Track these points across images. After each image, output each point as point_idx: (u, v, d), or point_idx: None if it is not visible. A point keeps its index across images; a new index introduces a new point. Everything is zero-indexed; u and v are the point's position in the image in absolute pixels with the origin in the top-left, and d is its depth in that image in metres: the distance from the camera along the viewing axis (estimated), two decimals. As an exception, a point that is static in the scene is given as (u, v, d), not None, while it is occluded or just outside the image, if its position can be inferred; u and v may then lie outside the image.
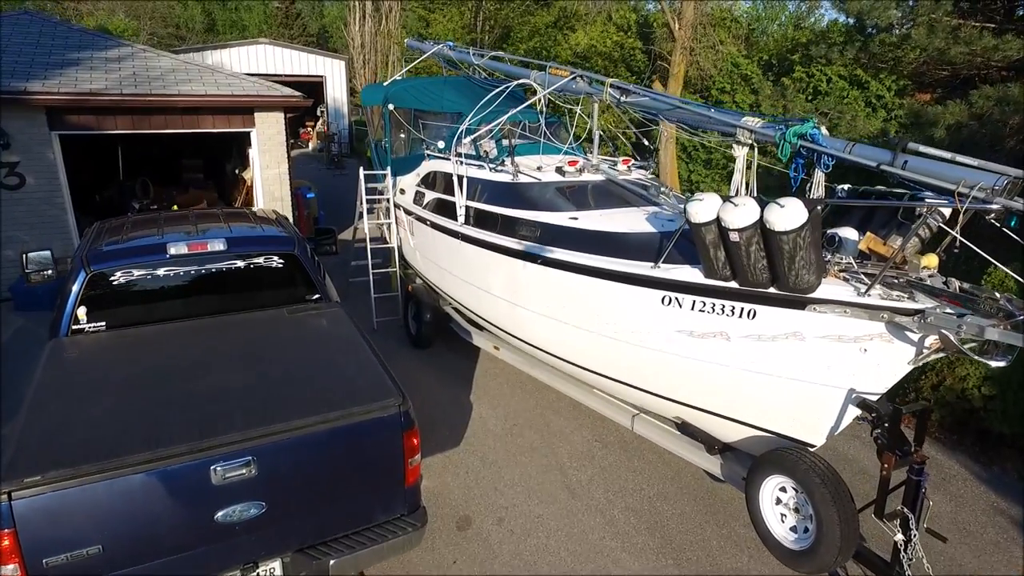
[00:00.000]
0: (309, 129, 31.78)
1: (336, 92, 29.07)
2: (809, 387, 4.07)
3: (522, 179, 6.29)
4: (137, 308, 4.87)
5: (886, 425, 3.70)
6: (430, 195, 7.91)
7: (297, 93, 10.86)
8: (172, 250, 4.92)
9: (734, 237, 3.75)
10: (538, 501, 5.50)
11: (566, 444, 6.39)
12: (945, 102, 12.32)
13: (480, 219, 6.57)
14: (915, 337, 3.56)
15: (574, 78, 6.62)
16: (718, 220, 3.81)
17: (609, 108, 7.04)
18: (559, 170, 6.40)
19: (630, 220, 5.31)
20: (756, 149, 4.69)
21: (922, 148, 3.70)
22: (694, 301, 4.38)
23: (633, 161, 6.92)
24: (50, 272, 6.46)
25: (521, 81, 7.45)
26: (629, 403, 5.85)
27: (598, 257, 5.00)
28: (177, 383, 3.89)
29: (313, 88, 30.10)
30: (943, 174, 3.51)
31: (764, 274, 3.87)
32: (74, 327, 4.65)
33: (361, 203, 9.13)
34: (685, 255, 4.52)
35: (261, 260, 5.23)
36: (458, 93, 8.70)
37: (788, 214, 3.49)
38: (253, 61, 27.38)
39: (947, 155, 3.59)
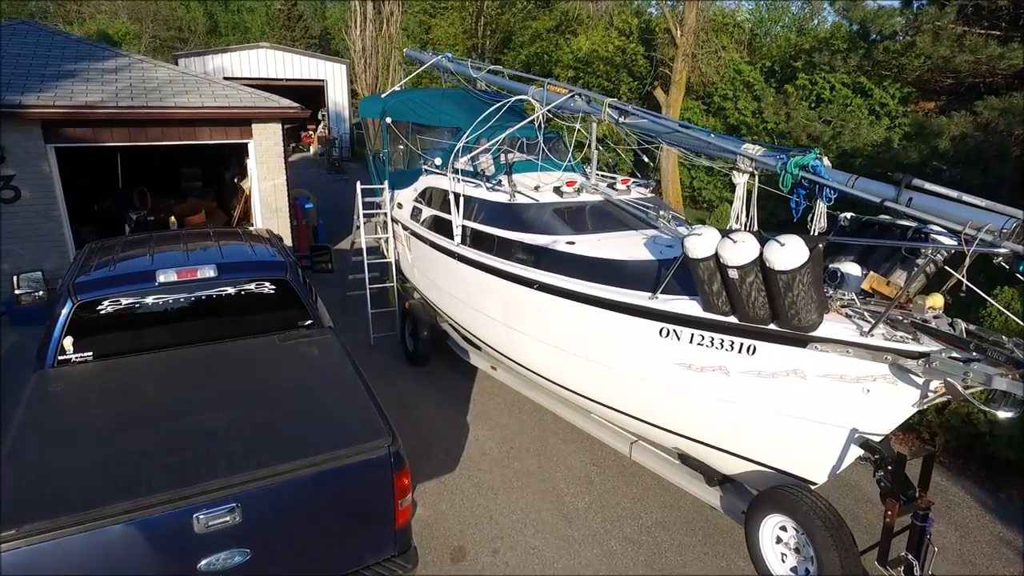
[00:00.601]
0: (310, 132, 31.74)
1: (337, 96, 29.02)
2: (810, 425, 3.96)
3: (519, 200, 6.19)
4: (125, 337, 4.79)
5: (889, 468, 3.60)
6: (427, 211, 7.81)
7: (295, 104, 10.77)
8: (161, 278, 4.84)
9: (733, 274, 3.65)
10: (534, 531, 5.40)
11: (564, 468, 6.28)
12: (950, 113, 12.20)
13: (476, 239, 6.47)
14: (920, 380, 3.45)
15: (572, 96, 6.51)
16: (716, 256, 3.71)
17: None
18: (557, 190, 6.30)
19: (628, 246, 5.21)
20: (757, 177, 4.58)
21: (927, 185, 3.59)
22: (692, 334, 4.28)
23: (633, 180, 6.81)
24: (41, 293, 6.41)
25: (519, 97, 7.35)
26: (627, 430, 5.75)
27: (595, 285, 4.90)
28: (162, 423, 3.80)
29: (314, 92, 30.09)
30: (949, 213, 3.41)
31: (764, 311, 3.77)
32: (60, 357, 4.56)
33: (358, 217, 9.03)
34: (684, 285, 4.42)
35: (252, 286, 5.14)
36: (456, 107, 8.61)
37: (788, 253, 3.39)
38: (254, 65, 27.36)
39: (953, 194, 3.48)
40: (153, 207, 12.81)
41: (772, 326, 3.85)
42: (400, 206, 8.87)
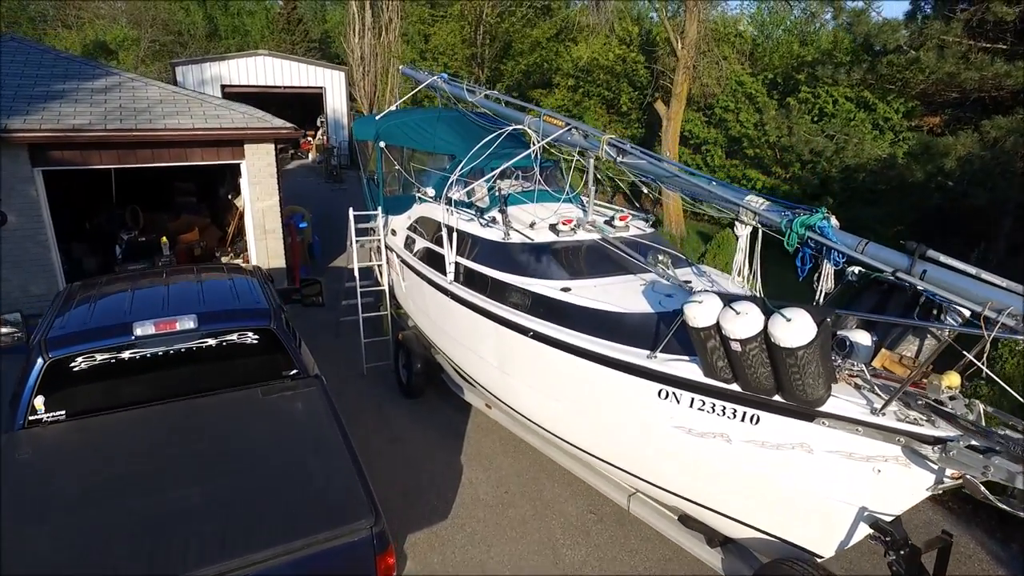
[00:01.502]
0: (309, 139, 31.52)
1: (336, 103, 28.79)
2: (817, 499, 3.76)
3: (514, 237, 5.98)
4: (99, 392, 4.58)
5: (901, 553, 3.39)
6: (420, 243, 7.61)
7: (288, 124, 10.56)
8: (138, 330, 4.63)
9: (735, 347, 3.44)
10: (528, 589, 5.20)
11: (559, 516, 6.08)
12: (956, 131, 11.99)
13: (470, 278, 6.27)
14: (935, 465, 3.24)
15: (569, 129, 6.30)
16: (718, 325, 3.50)
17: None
18: (553, 228, 6.09)
19: (626, 294, 5.00)
20: (760, 231, 4.37)
21: (943, 258, 3.38)
22: (692, 398, 4.07)
23: (631, 214, 6.60)
24: (20, 335, 6.19)
25: (515, 127, 7.14)
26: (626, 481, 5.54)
27: (593, 339, 4.69)
28: (133, 498, 3.59)
29: (313, 99, 29.89)
30: (967, 291, 3.20)
31: (768, 382, 3.56)
32: (31, 417, 4.36)
33: (351, 244, 8.82)
34: (684, 344, 4.21)
35: (234, 337, 4.93)
36: (452, 132, 8.39)
37: (795, 330, 3.18)
38: (252, 73, 27.15)
39: (971, 269, 3.27)
40: (146, 225, 12.61)
41: (777, 397, 3.64)
42: (394, 233, 8.66)
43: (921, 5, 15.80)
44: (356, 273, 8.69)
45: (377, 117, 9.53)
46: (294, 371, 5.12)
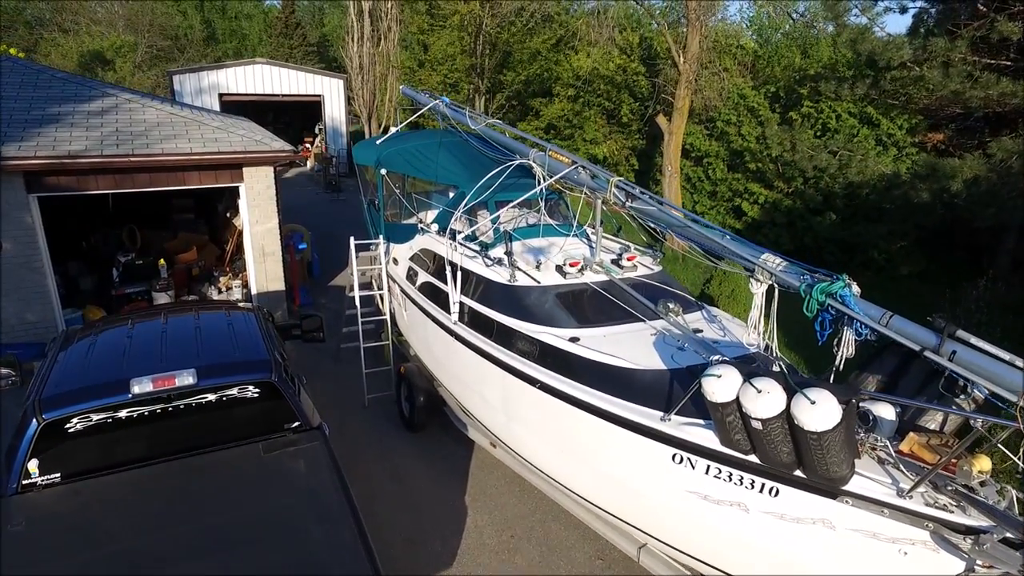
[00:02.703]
0: (307, 146, 31.38)
1: (335, 111, 28.65)
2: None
3: (520, 279, 5.85)
4: (95, 452, 4.45)
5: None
6: (423, 276, 7.48)
7: (288, 147, 10.42)
8: (136, 388, 4.49)
9: (756, 424, 3.32)
10: (536, 647, 5.07)
11: (567, 562, 5.94)
12: (962, 152, 11.90)
13: (475, 319, 6.13)
14: (966, 554, 3.12)
15: (576, 167, 6.17)
16: (738, 401, 3.38)
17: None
18: (560, 270, 5.96)
19: (636, 347, 4.87)
20: (777, 290, 4.24)
21: (973, 340, 3.26)
22: (708, 466, 3.94)
23: (638, 251, 6.48)
24: (15, 379, 6.06)
25: (519, 162, 7.01)
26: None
27: (603, 395, 4.57)
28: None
29: (311, 107, 29.75)
30: (1000, 377, 3.08)
31: (789, 458, 3.44)
32: (25, 482, 4.22)
33: (352, 273, 8.68)
34: (699, 406, 4.08)
35: (235, 391, 4.80)
36: (454, 160, 8.26)
37: (820, 414, 3.06)
38: (250, 81, 26.99)
39: (1004, 355, 3.15)
40: (143, 244, 12.47)
41: (798, 472, 3.51)
42: (396, 262, 8.54)
43: (924, 20, 15.75)
44: (357, 302, 8.56)
45: (378, 141, 9.40)
46: (296, 423, 4.98)
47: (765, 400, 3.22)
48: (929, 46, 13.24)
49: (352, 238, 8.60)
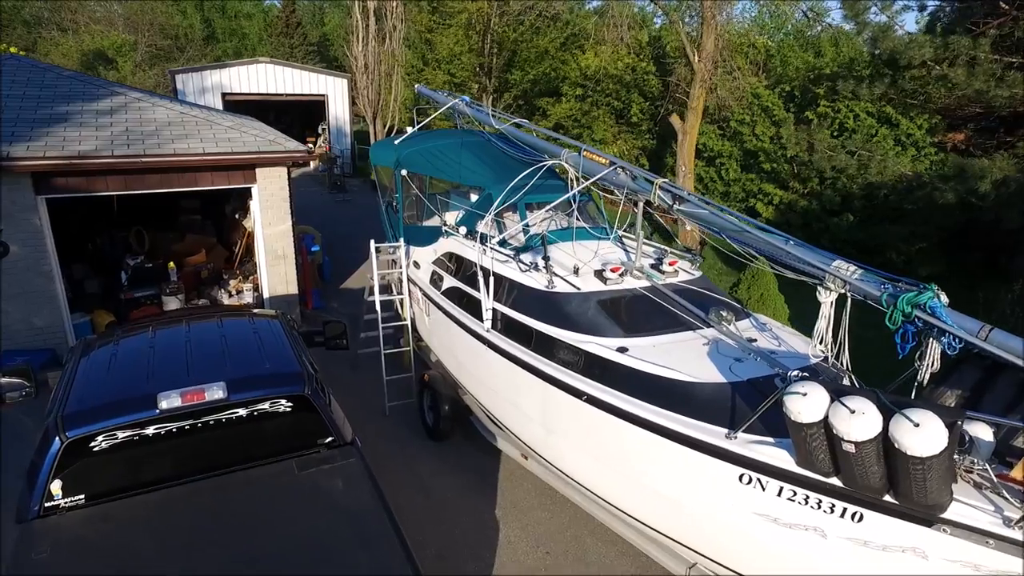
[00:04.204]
0: (310, 145, 31.08)
1: (338, 111, 28.41)
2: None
3: (558, 285, 5.59)
4: (121, 472, 4.18)
5: None
6: (449, 280, 7.22)
7: (302, 147, 10.15)
8: (163, 403, 4.23)
9: (848, 448, 3.07)
10: (583, 674, 4.81)
11: (607, 581, 5.70)
12: (989, 152, 11.67)
13: (510, 327, 5.88)
14: (1083, 590, 2.89)
15: (614, 168, 5.91)
16: (827, 422, 3.13)
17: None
18: (599, 275, 5.71)
19: (690, 358, 4.62)
20: (849, 299, 3.99)
21: (1094, 356, 3.03)
22: (781, 487, 3.69)
23: (676, 255, 6.23)
24: (30, 389, 5.78)
25: (552, 162, 6.75)
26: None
27: (658, 410, 4.31)
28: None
29: (315, 107, 29.47)
30: None
31: (879, 482, 3.19)
32: (47, 504, 3.96)
33: (373, 277, 8.42)
34: (767, 422, 3.84)
35: (267, 405, 4.53)
36: (478, 161, 8.00)
37: (925, 438, 2.81)
38: (253, 80, 26.73)
39: None
40: (151, 247, 12.18)
41: (888, 497, 3.27)
42: (417, 265, 8.27)
43: (940, 18, 15.53)
44: (378, 306, 8.30)
45: (396, 142, 9.13)
46: (329, 438, 4.72)
47: (860, 422, 2.97)
48: (951, 44, 13.02)
49: (372, 241, 8.34)
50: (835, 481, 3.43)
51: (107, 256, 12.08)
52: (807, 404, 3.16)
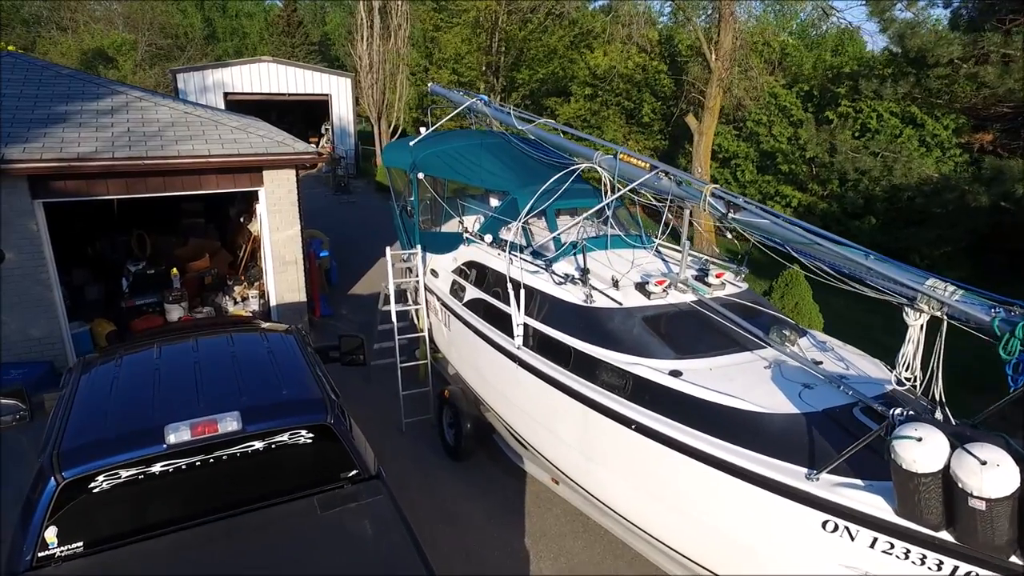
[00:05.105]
0: (313, 145, 30.64)
1: (342, 111, 27.96)
2: None
3: (598, 300, 5.14)
4: (123, 516, 3.74)
5: None
6: (472, 291, 6.77)
7: (311, 149, 9.73)
8: (172, 437, 3.78)
9: (976, 504, 2.64)
10: None
11: (650, 620, 5.26)
12: (1017, 155, 11.24)
13: (544, 345, 5.43)
14: None
15: (656, 173, 5.46)
16: (949, 472, 2.69)
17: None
18: (641, 288, 5.26)
19: (752, 383, 4.18)
20: (945, 323, 3.56)
21: None
22: (875, 538, 3.25)
23: (720, 265, 5.79)
24: (24, 412, 5.34)
25: (586, 164, 6.31)
26: None
27: (721, 444, 3.87)
28: None
29: (318, 106, 29.03)
30: None
31: (1009, 542, 2.75)
32: (41, 554, 3.51)
33: (388, 286, 7.98)
34: (853, 462, 3.39)
35: (285, 437, 4.09)
36: (499, 163, 7.56)
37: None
38: (256, 80, 26.30)
39: None
40: (153, 251, 11.73)
41: (1015, 558, 2.82)
42: (435, 274, 7.82)
43: (962, 15, 15.08)
44: (393, 317, 7.85)
45: (411, 143, 8.69)
46: (353, 471, 4.27)
47: (995, 476, 2.54)
48: (982, 41, 12.58)
49: (389, 248, 7.89)
50: (946, 535, 2.99)
51: (108, 260, 11.64)
52: (924, 452, 2.72)
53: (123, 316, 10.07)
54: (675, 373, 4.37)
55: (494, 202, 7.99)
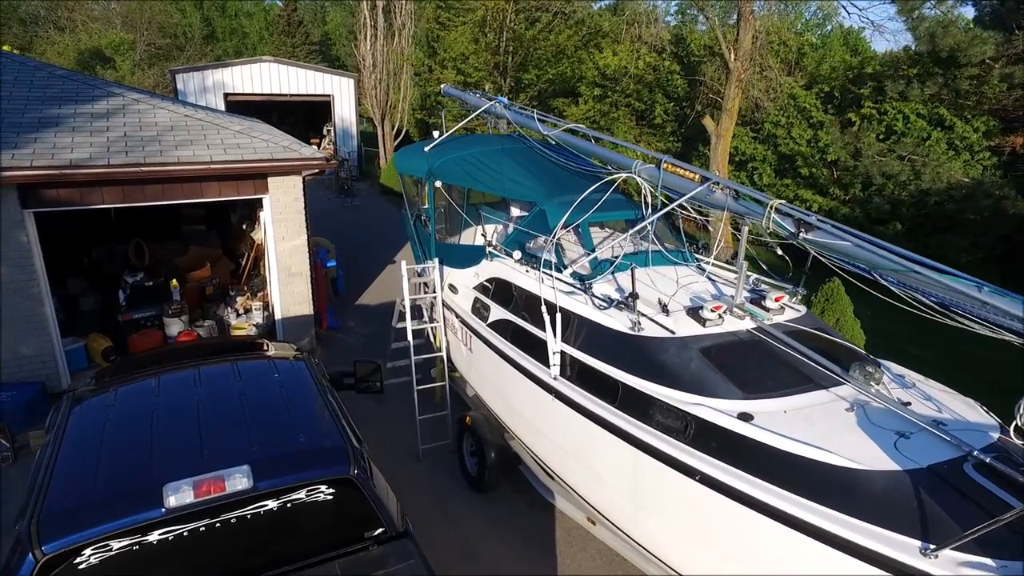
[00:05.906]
0: (315, 147, 30.09)
1: (345, 111, 27.40)
2: None
3: (647, 329, 4.61)
4: (117, 591, 3.20)
5: None
6: (498, 311, 6.23)
7: (319, 154, 9.20)
8: (172, 499, 3.25)
9: None
10: None
11: None
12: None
13: (584, 376, 4.89)
14: None
15: (709, 185, 4.93)
16: None
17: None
18: (695, 314, 4.73)
19: (838, 429, 3.65)
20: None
21: None
22: (1015, 632, 2.72)
23: (778, 287, 5.26)
24: (7, 453, 4.82)
25: (623, 175, 5.78)
26: None
27: (811, 505, 3.34)
28: None
29: (321, 107, 28.47)
30: None
31: None
32: (18, 644, 2.97)
33: (404, 302, 7.44)
34: (967, 528, 2.87)
35: (303, 494, 3.55)
36: (523, 171, 7.02)
37: None
38: (256, 80, 25.75)
39: None
40: (151, 261, 11.18)
41: None
42: (454, 289, 7.29)
43: (988, 14, 14.55)
44: (410, 336, 7.32)
45: (426, 148, 8.15)
46: (379, 530, 3.74)
47: None
48: (1017, 40, 12.07)
49: (404, 262, 7.35)
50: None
51: (104, 271, 11.09)
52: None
53: (120, 331, 9.52)
54: (744, 416, 3.84)
55: (514, 211, 7.46)
